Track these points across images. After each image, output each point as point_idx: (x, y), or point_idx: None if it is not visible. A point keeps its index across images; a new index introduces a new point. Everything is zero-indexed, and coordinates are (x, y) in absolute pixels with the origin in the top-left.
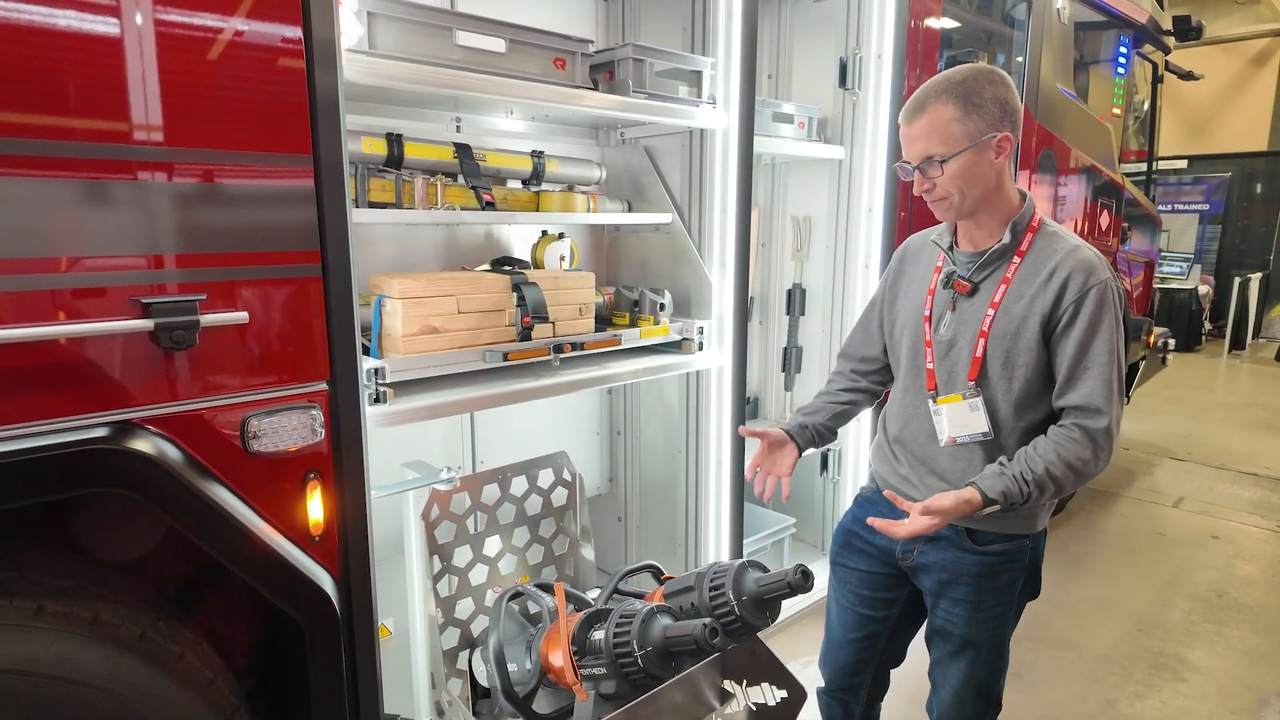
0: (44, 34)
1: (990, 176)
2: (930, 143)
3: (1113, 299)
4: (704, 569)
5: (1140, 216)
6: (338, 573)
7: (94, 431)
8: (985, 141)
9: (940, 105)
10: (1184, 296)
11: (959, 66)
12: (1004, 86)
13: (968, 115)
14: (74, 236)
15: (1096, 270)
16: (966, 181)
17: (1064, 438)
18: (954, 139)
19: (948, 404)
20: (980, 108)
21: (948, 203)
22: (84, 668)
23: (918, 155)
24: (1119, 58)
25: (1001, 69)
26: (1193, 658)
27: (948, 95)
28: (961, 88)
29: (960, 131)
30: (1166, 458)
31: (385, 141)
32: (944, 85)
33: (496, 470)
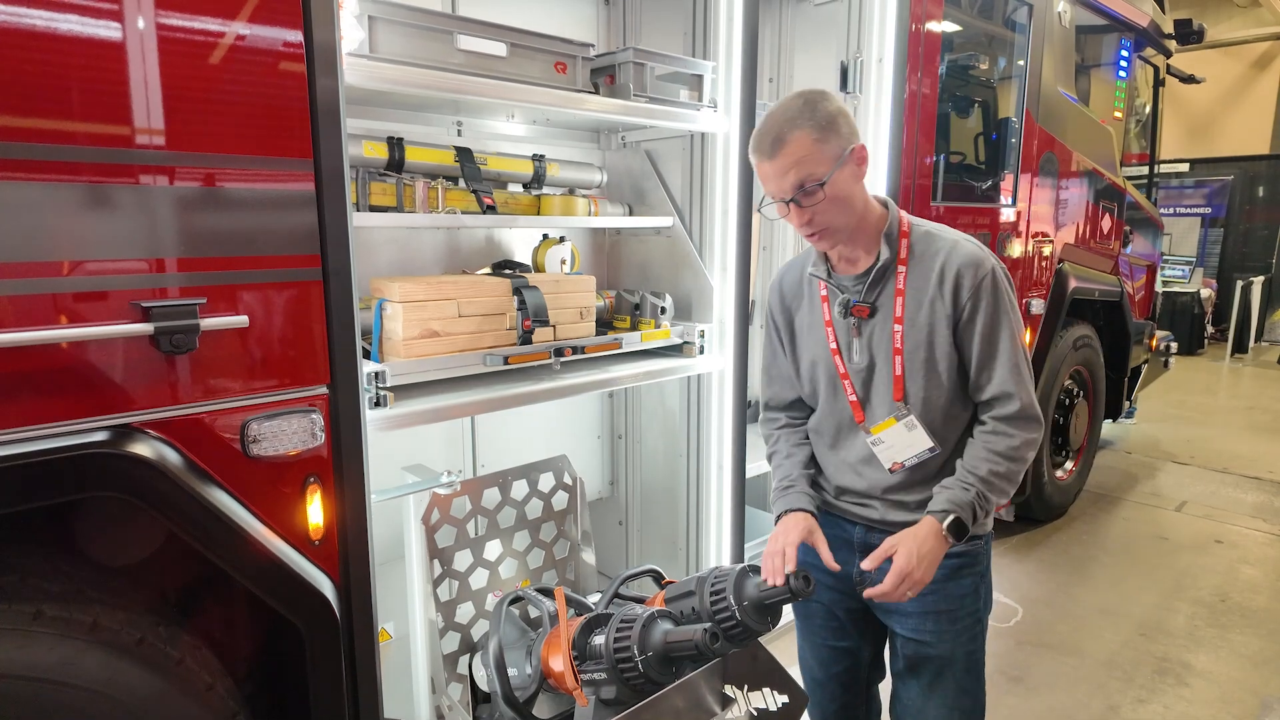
0: (46, 39)
1: (859, 192)
2: (802, 170)
3: (1004, 284)
4: (705, 574)
5: (1142, 220)
6: (338, 577)
7: (94, 436)
8: (848, 156)
9: (799, 132)
10: (1186, 300)
11: (782, 100)
12: (838, 101)
13: (825, 136)
14: (75, 240)
15: (983, 261)
16: (844, 202)
17: (988, 434)
18: (824, 160)
19: (883, 430)
20: (831, 125)
21: (830, 229)
22: (83, 673)
23: (791, 186)
24: (1120, 61)
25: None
26: (1196, 663)
27: (801, 120)
28: (809, 111)
29: (827, 152)
30: (1169, 461)
31: (386, 145)
32: (793, 113)
33: (497, 474)
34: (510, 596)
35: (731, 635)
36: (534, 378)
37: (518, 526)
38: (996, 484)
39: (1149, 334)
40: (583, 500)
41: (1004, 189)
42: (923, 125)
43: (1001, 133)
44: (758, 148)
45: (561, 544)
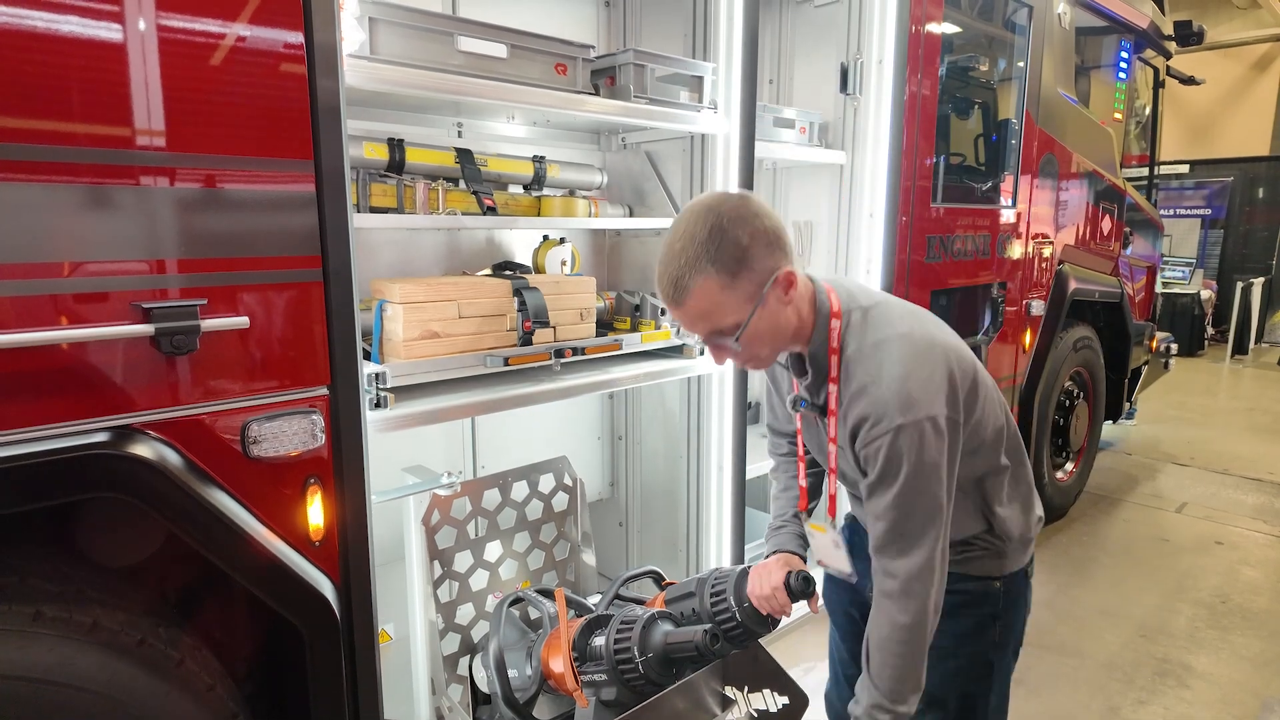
0: (47, 40)
1: (789, 316)
2: (712, 321)
3: (911, 445)
4: (705, 575)
5: (1142, 221)
6: (338, 578)
7: (94, 436)
8: (769, 291)
9: (702, 279)
10: (1186, 301)
11: (685, 221)
12: (753, 218)
13: (737, 277)
14: (76, 241)
15: (886, 413)
16: (767, 334)
17: (874, 609)
18: (736, 307)
19: (814, 531)
20: (744, 259)
21: (757, 361)
22: (83, 673)
23: (704, 334)
24: (1120, 63)
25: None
26: (1197, 664)
27: (704, 263)
28: (714, 245)
29: (738, 297)
30: (1169, 463)
31: (387, 146)
32: (695, 254)
33: (497, 475)
34: (510, 598)
35: (732, 636)
36: (534, 379)
37: (518, 528)
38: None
39: (1149, 335)
40: (583, 501)
41: (1004, 190)
42: (923, 127)
43: (1001, 134)
44: (662, 291)
45: (562, 545)
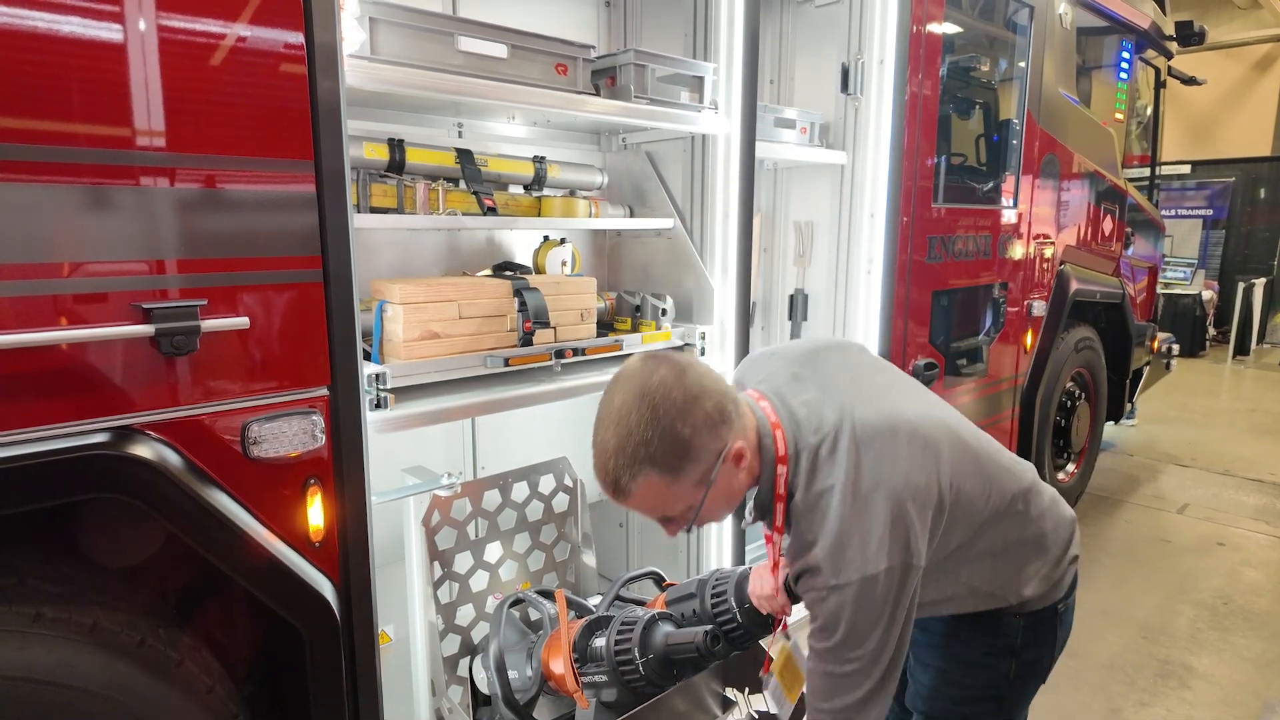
0: (48, 40)
1: (742, 479)
2: (661, 511)
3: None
4: (706, 576)
5: (1143, 221)
6: (338, 579)
7: (94, 437)
8: (719, 472)
9: (642, 480)
10: (1188, 302)
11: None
12: (692, 403)
13: (681, 472)
14: (76, 242)
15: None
16: (723, 504)
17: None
18: (685, 496)
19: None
20: (688, 454)
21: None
22: (82, 674)
23: (655, 519)
24: (1121, 63)
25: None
26: (1198, 665)
27: (643, 465)
28: (652, 447)
29: (686, 487)
30: (1171, 464)
31: (387, 147)
32: (631, 453)
33: (498, 476)
34: (511, 599)
35: (733, 638)
36: (534, 379)
37: (518, 529)
38: None
39: (1150, 336)
40: (583, 502)
41: (1005, 191)
42: (924, 127)
43: (1003, 134)
44: (597, 479)
45: (562, 546)
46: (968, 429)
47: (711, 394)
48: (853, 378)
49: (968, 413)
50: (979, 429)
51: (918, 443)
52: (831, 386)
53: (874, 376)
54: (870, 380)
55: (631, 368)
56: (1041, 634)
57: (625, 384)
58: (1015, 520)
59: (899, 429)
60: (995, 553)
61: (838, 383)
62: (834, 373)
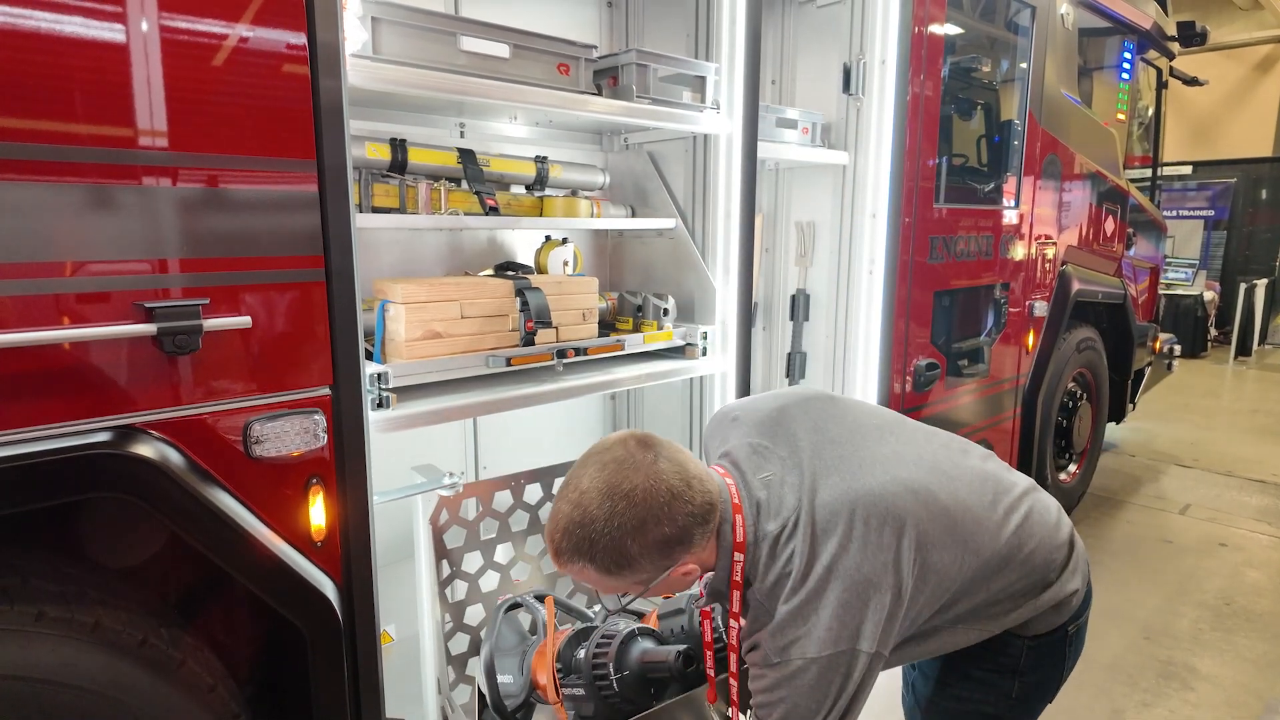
0: (50, 40)
1: (686, 582)
2: (595, 587)
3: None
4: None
5: (1145, 222)
6: (340, 578)
7: (96, 436)
8: (662, 581)
9: (579, 566)
10: (1189, 303)
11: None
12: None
13: (618, 575)
14: (79, 241)
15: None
16: (663, 592)
17: None
18: (616, 588)
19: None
20: (630, 564)
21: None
22: (85, 674)
23: None
24: (1123, 63)
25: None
26: (1201, 666)
27: (582, 556)
28: (596, 547)
29: (618, 584)
30: (1173, 464)
31: (389, 147)
32: (576, 544)
33: (509, 477)
34: (508, 602)
35: (721, 659)
36: (536, 379)
37: (530, 530)
38: None
39: (1152, 337)
40: None
41: (1007, 191)
42: (925, 127)
43: (1004, 135)
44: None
45: None
46: (942, 483)
47: (686, 517)
48: (815, 444)
49: (969, 414)
50: (962, 464)
51: (875, 523)
52: (793, 459)
53: (839, 440)
54: (834, 447)
55: (612, 453)
56: (1048, 656)
57: (599, 469)
58: (998, 575)
59: (857, 510)
60: (978, 608)
61: (800, 453)
62: (798, 437)
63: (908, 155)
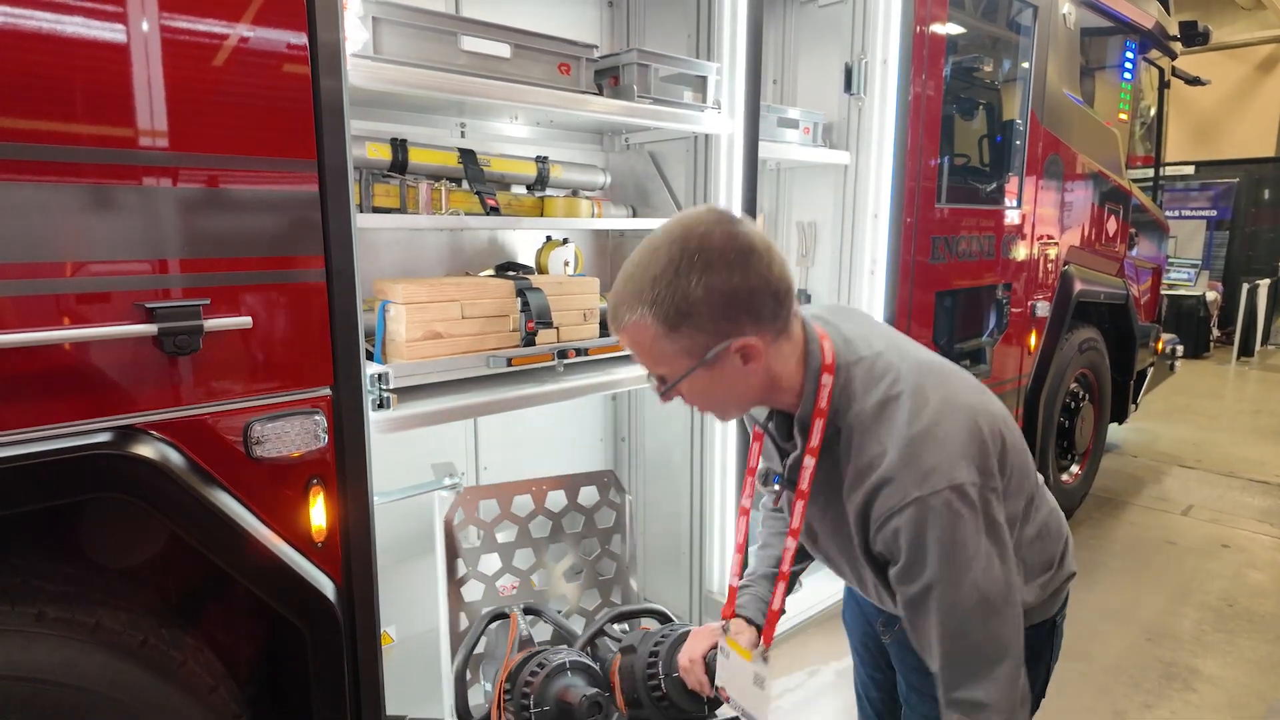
0: (50, 40)
1: (749, 382)
2: (645, 361)
3: (935, 523)
4: (656, 630)
5: (1147, 222)
6: (340, 579)
7: (97, 436)
8: (718, 356)
9: (637, 319)
10: (1192, 303)
11: (663, 235)
12: (723, 269)
13: (675, 330)
14: (80, 241)
15: (901, 487)
16: (714, 398)
17: None
18: (671, 359)
19: (734, 650)
20: (690, 316)
21: (717, 414)
22: (85, 674)
23: (643, 365)
24: (1125, 63)
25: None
26: (1203, 668)
27: (643, 304)
28: (658, 289)
29: (673, 350)
30: (1175, 465)
31: (390, 147)
32: (637, 287)
33: (530, 481)
34: (493, 613)
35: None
36: (537, 379)
37: (553, 538)
38: None
39: (1155, 337)
40: (633, 521)
41: (1009, 191)
42: (927, 127)
43: (1006, 135)
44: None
45: (606, 564)
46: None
47: (750, 272)
48: (887, 329)
49: None
50: None
51: (970, 381)
52: (871, 329)
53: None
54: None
55: (695, 211)
56: (1039, 648)
57: (674, 224)
58: (1028, 521)
59: (947, 365)
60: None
61: (875, 329)
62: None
63: (909, 155)
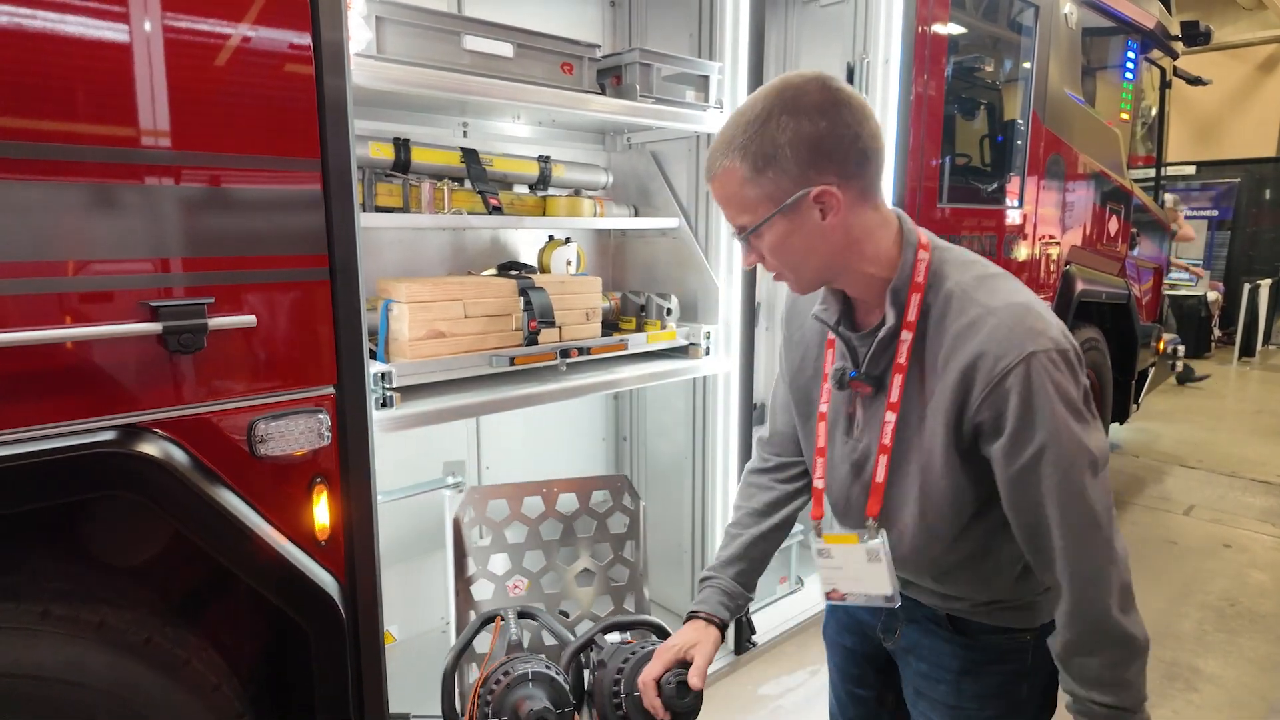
0: (53, 40)
1: (828, 241)
2: (731, 212)
3: (1048, 374)
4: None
5: (1149, 222)
6: (344, 577)
7: (102, 435)
8: (797, 202)
9: (728, 163)
10: (1193, 303)
11: (761, 92)
12: (814, 116)
13: (760, 174)
14: (84, 240)
15: (1010, 341)
16: (792, 254)
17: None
18: (753, 205)
19: (837, 544)
20: (775, 159)
21: (788, 278)
22: (90, 672)
23: (731, 224)
24: (1127, 63)
25: (824, 77)
26: (1205, 667)
27: (734, 150)
28: (749, 134)
29: (757, 195)
30: (1177, 465)
31: (393, 146)
32: (731, 133)
33: (540, 483)
34: (487, 615)
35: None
36: (540, 379)
37: (564, 541)
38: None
39: (1156, 337)
40: (645, 526)
41: (1010, 191)
42: (929, 127)
43: (1008, 135)
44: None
45: (619, 570)
46: None
47: (841, 124)
48: None
49: None
50: None
51: None
52: None
53: None
54: None
55: (800, 71)
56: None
57: (778, 78)
58: None
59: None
60: None
61: None
62: None
63: (911, 155)
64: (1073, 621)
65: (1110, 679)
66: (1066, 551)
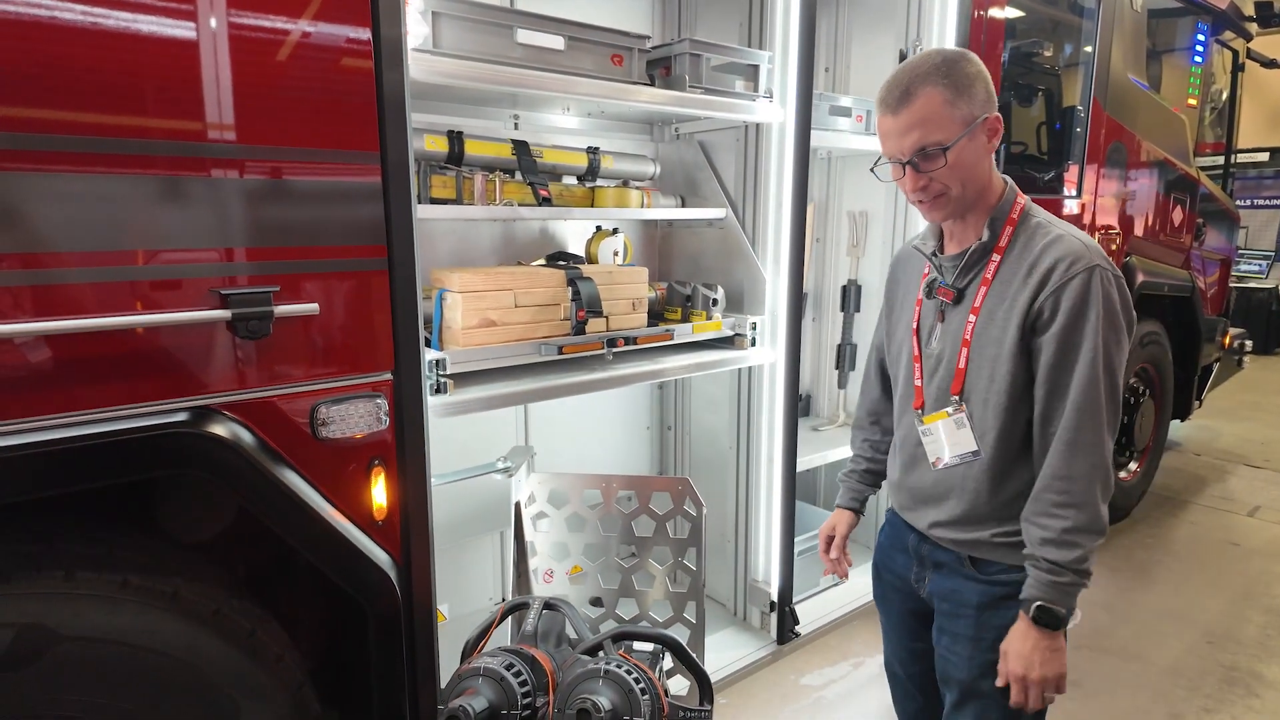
0: (124, 38)
1: (984, 165)
2: (926, 131)
3: (1101, 291)
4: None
5: (1217, 212)
6: (399, 556)
7: (176, 416)
8: (979, 125)
9: (930, 88)
10: (1262, 296)
11: (920, 54)
12: (980, 65)
13: (959, 97)
14: (159, 231)
15: (1082, 255)
16: (965, 171)
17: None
18: (951, 124)
19: (935, 421)
20: (969, 89)
21: (945, 199)
22: (165, 640)
23: (911, 147)
24: (1196, 45)
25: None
26: (1268, 673)
27: (935, 77)
28: (945, 67)
29: (955, 116)
30: (1241, 464)
31: (447, 139)
32: (927, 68)
33: (600, 477)
34: (512, 604)
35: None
36: (587, 368)
37: (624, 538)
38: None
39: (1222, 331)
40: (705, 536)
41: (1068, 180)
42: None
43: (1066, 121)
44: (883, 100)
45: (682, 577)
46: None
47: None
48: None
49: None
50: None
51: None
52: None
53: None
54: None
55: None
56: None
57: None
58: None
59: None
60: None
61: None
62: None
63: None
64: (1053, 482)
65: (1069, 540)
66: (1069, 422)
